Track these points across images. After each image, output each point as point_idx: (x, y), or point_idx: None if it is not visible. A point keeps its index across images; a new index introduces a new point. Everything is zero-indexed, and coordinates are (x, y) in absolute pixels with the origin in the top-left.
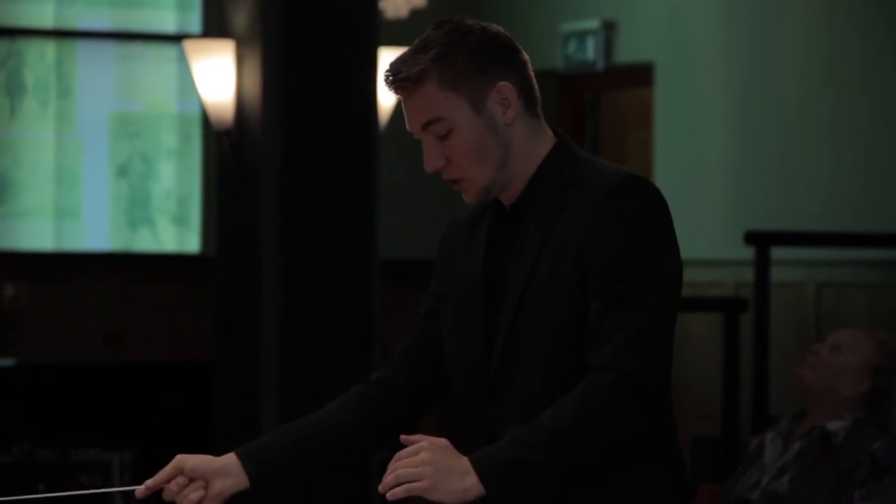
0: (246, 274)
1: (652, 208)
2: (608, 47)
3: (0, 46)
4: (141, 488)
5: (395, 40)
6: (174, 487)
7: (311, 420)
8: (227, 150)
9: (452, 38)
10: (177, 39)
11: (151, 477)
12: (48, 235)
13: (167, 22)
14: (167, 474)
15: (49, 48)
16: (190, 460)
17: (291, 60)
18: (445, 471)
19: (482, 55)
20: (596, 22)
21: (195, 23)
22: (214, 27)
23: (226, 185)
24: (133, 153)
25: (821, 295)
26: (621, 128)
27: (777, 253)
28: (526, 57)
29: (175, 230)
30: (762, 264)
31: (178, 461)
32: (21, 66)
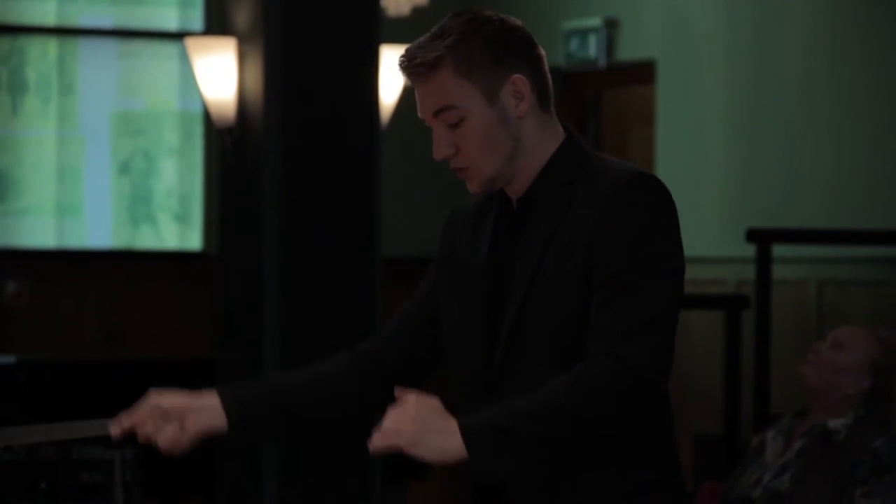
0: (247, 272)
1: (660, 206)
2: (610, 45)
3: (2, 44)
4: (114, 426)
5: (397, 38)
6: (149, 425)
7: (301, 376)
8: (229, 148)
9: (470, 28)
10: (178, 37)
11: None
12: (50, 233)
13: (169, 19)
14: (142, 412)
15: (51, 46)
16: (166, 399)
17: (293, 58)
18: (429, 428)
19: (499, 46)
20: (598, 20)
21: (197, 20)
22: (216, 25)
23: (227, 183)
24: (135, 151)
25: (822, 292)
26: (623, 125)
27: (778, 250)
28: (542, 52)
29: (177, 228)
30: (764, 262)
31: (154, 399)
32: (23, 64)
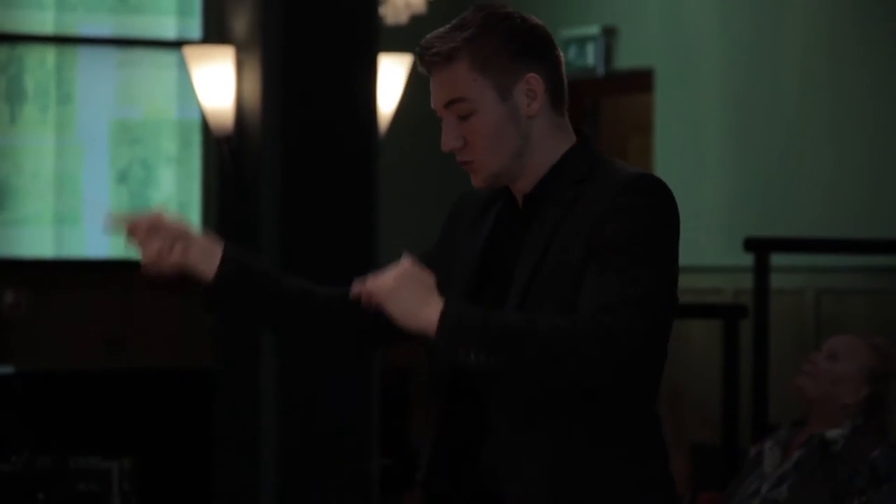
0: None
1: (663, 209)
2: (608, 53)
3: (0, 52)
4: (113, 221)
5: (395, 46)
6: (142, 234)
7: (304, 282)
8: (227, 157)
9: (490, 22)
10: (177, 45)
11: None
12: (48, 242)
13: (167, 28)
14: (143, 219)
15: (49, 54)
16: (171, 220)
17: (291, 66)
18: (413, 291)
19: (516, 44)
20: (596, 28)
21: (195, 29)
22: (214, 33)
23: (226, 192)
24: (133, 159)
25: (820, 301)
26: (621, 133)
27: (776, 259)
28: (561, 55)
29: None
30: (761, 271)
31: (160, 212)
32: (21, 73)
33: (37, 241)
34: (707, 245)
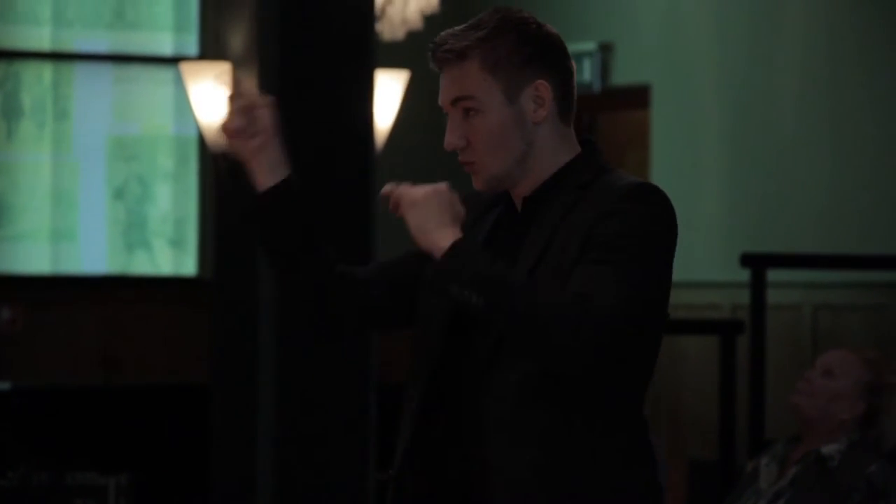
0: (243, 297)
1: (662, 217)
2: (605, 69)
3: None
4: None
5: (392, 62)
6: (244, 102)
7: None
8: (224, 173)
9: (505, 24)
10: (173, 62)
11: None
12: (45, 258)
13: (164, 44)
14: (252, 97)
15: (46, 70)
16: (270, 117)
17: (288, 83)
18: (434, 211)
19: (529, 48)
20: (593, 44)
21: (192, 45)
22: (211, 50)
23: (223, 208)
24: (130, 176)
25: (817, 317)
26: (618, 149)
27: (773, 275)
28: (573, 66)
29: (172, 253)
30: (758, 286)
31: (267, 104)
32: (18, 89)
33: (33, 258)
34: (704, 260)
